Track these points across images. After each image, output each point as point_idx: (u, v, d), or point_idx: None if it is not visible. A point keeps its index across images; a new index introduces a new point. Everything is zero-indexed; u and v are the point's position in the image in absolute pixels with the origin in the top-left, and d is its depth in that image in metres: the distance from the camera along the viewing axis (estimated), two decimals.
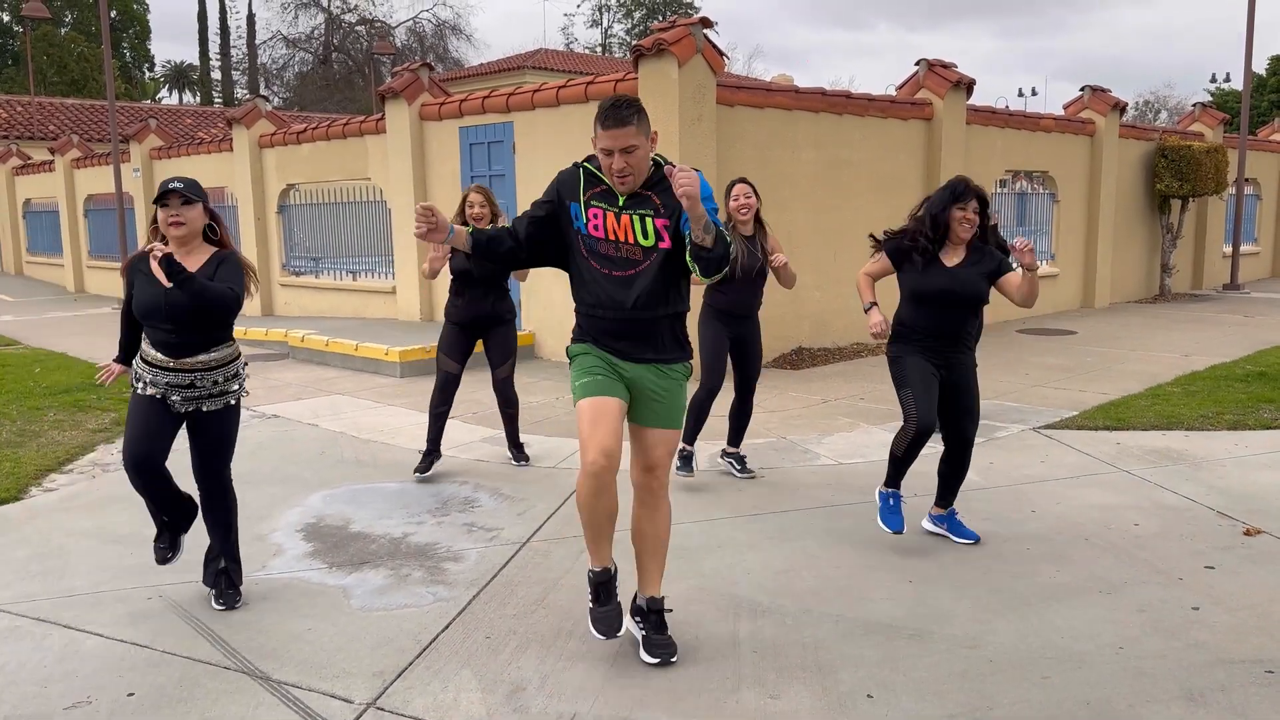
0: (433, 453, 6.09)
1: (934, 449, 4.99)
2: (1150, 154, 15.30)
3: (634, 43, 8.96)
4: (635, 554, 3.68)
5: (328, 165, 13.20)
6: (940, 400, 4.64)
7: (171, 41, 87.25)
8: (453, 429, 7.24)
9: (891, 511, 4.77)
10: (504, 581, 4.37)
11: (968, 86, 11.67)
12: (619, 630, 3.57)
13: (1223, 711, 3.20)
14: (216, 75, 56.31)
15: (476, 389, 8.77)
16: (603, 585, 3.59)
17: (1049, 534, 4.87)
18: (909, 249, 4.65)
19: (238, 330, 4.70)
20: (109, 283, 18.38)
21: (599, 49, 54.15)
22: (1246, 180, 17.24)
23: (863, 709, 3.25)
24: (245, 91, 50.44)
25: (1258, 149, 18.45)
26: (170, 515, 4.19)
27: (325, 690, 3.41)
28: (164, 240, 3.91)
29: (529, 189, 10.19)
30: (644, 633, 3.63)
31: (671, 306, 3.54)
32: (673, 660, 3.56)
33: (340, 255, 13.48)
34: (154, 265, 3.73)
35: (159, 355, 3.95)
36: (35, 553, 4.78)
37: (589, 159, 3.61)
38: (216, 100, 53.51)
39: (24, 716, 3.24)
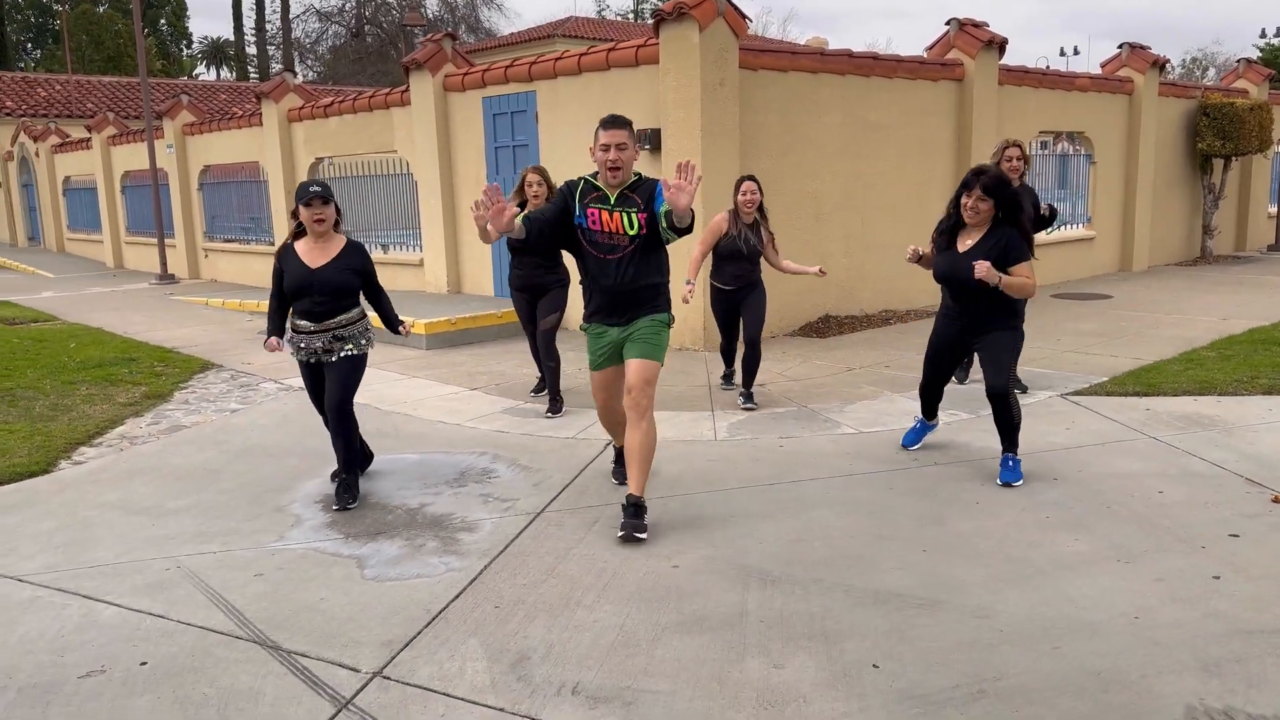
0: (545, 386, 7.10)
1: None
2: (1192, 112, 14.89)
3: (656, 6, 8.83)
4: (625, 460, 4.65)
5: (355, 138, 13.23)
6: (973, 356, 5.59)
7: (208, 18, 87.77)
8: (473, 400, 7.28)
9: (913, 431, 5.77)
10: (516, 551, 4.38)
11: (1000, 46, 11.41)
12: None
13: (1237, 682, 3.14)
14: (252, 50, 56.57)
15: (498, 360, 8.81)
16: (621, 456, 5.12)
17: (1069, 502, 4.80)
18: (945, 228, 5.28)
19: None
20: (147, 258, 18.63)
21: (631, 15, 53.60)
22: None
23: (867, 679, 3.23)
24: (281, 66, 50.63)
25: None
26: (348, 456, 5.20)
27: (333, 659, 3.45)
28: (300, 226, 5.11)
29: (552, 158, 10.14)
30: (623, 519, 4.55)
31: (648, 279, 4.61)
32: (640, 537, 4.45)
33: (370, 228, 13.53)
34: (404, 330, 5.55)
35: (305, 323, 5.11)
36: (60, 525, 4.87)
37: (592, 174, 4.64)
38: (253, 75, 53.80)
39: (39, 684, 3.31)
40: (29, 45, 54.24)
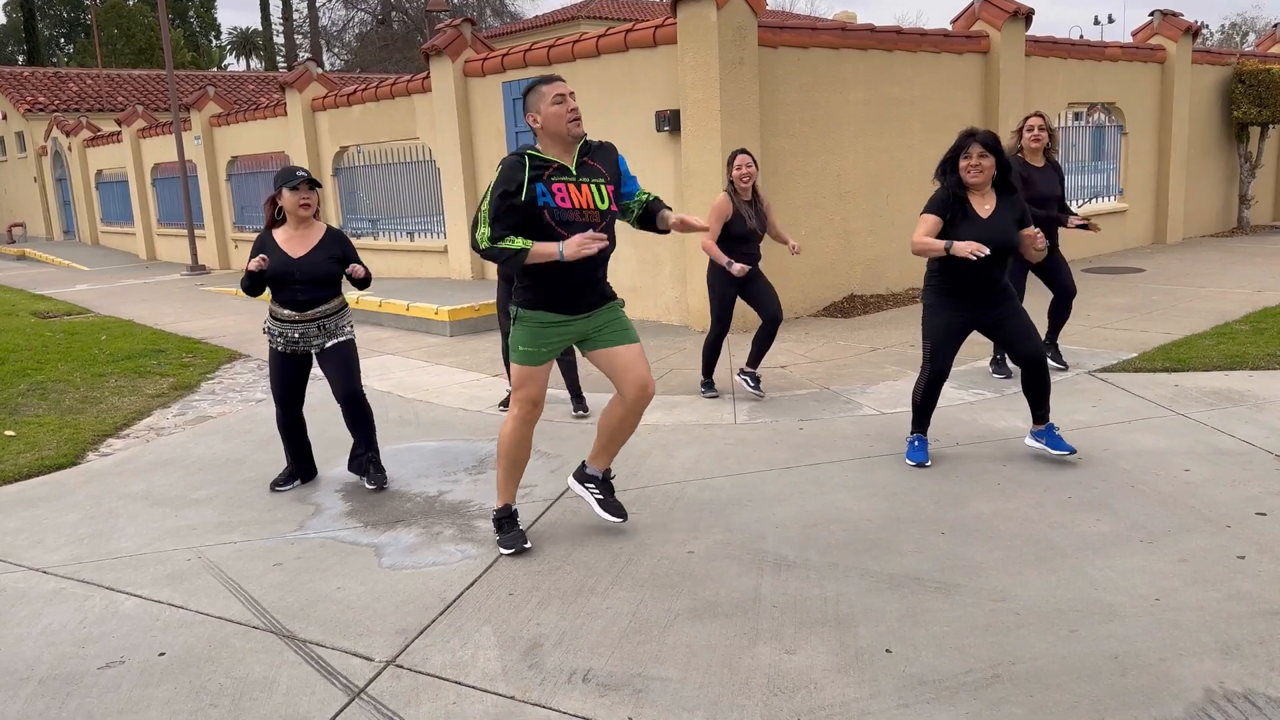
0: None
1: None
2: (1227, 79, 14.56)
3: None
4: (605, 441, 4.36)
5: (378, 126, 13.27)
6: (992, 334, 5.00)
7: (236, 9, 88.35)
8: (495, 387, 7.29)
9: (916, 450, 5.12)
10: (532, 537, 4.38)
11: (1026, 16, 11.20)
12: (523, 544, 4.25)
13: (1258, 665, 3.08)
14: (280, 40, 56.84)
15: None
16: (507, 519, 4.33)
17: (1092, 482, 4.72)
18: (948, 200, 4.86)
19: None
20: (179, 249, 18.84)
21: None
22: None
23: (879, 663, 3.20)
24: (308, 54, 50.79)
25: None
26: (296, 461, 5.30)
27: (347, 648, 3.47)
28: (279, 213, 5.04)
29: None
30: (599, 496, 4.41)
31: (609, 256, 4.15)
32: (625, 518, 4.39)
33: (395, 216, 13.59)
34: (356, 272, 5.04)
35: (288, 312, 5.00)
36: (85, 516, 4.94)
37: (528, 148, 4.05)
38: (281, 65, 54.06)
39: (60, 676, 3.36)
40: (62, 40, 54.93)
